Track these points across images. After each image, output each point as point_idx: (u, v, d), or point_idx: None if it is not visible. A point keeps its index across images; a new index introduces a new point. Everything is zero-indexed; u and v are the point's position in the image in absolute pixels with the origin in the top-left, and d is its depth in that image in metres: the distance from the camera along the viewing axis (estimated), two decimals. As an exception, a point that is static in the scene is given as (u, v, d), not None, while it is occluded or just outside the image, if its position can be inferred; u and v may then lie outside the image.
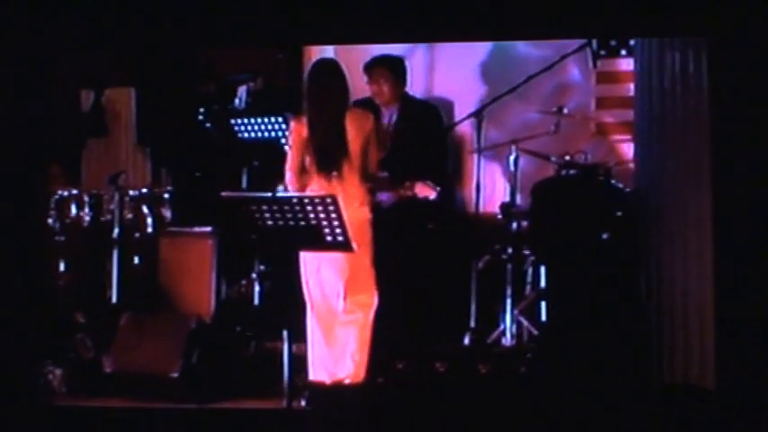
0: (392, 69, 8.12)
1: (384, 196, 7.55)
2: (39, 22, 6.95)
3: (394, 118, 8.08)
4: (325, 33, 7.20)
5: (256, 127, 8.23)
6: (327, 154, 6.71)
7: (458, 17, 6.79)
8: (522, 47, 8.99)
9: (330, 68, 6.91)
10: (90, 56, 9.16)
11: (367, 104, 7.77)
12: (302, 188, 6.69)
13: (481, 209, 8.02)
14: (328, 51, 9.08)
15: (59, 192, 8.42)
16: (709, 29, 6.61)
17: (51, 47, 7.12)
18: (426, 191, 6.94)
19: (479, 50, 9.03)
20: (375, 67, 8.11)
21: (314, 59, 8.00)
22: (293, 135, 6.84)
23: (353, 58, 8.15)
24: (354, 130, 6.73)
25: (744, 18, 6.47)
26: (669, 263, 7.08)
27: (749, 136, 6.54)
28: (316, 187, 6.70)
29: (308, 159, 6.76)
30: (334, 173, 6.70)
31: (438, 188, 6.93)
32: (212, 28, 7.04)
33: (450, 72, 9.13)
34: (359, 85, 7.83)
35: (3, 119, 7.01)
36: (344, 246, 6.10)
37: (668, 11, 6.56)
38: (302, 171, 6.76)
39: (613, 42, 8.69)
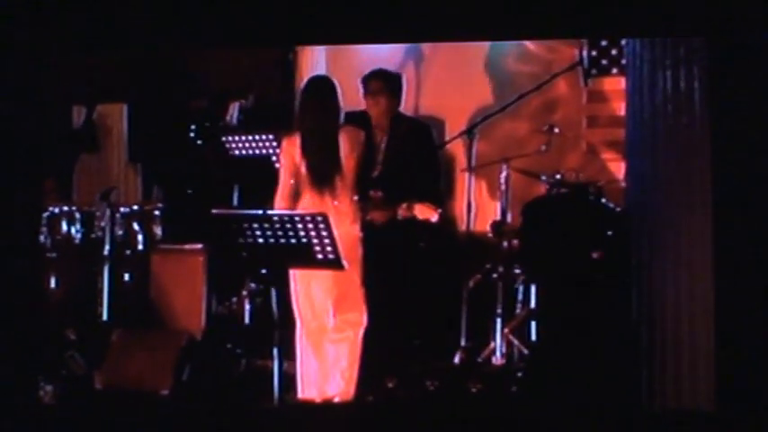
0: (390, 84, 8.00)
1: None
2: (29, 31, 6.91)
3: (385, 136, 7.99)
4: (324, 33, 7.11)
5: (248, 144, 8.19)
6: (321, 171, 6.72)
7: (457, 17, 6.74)
8: (512, 63, 9.01)
9: (324, 86, 6.91)
10: (82, 71, 9.15)
11: (359, 118, 7.74)
12: (292, 209, 6.67)
13: (472, 227, 8.02)
14: (320, 60, 9.11)
15: (51, 208, 8.42)
16: (709, 29, 6.58)
17: (44, 53, 7.08)
18: (428, 213, 6.93)
19: (468, 67, 9.04)
20: (373, 81, 7.99)
21: (306, 77, 8.04)
22: (283, 155, 6.84)
23: (346, 68, 8.15)
24: (348, 148, 6.74)
25: (744, 18, 6.44)
26: (660, 282, 7.07)
27: (750, 141, 6.49)
28: (308, 204, 6.70)
29: (300, 176, 6.76)
30: (328, 190, 6.70)
31: (439, 210, 6.92)
32: (207, 29, 6.97)
33: (438, 89, 9.13)
34: (351, 96, 7.82)
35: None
36: (335, 263, 6.11)
37: (668, 11, 6.54)
38: (292, 194, 6.76)
39: (604, 61, 8.71)
